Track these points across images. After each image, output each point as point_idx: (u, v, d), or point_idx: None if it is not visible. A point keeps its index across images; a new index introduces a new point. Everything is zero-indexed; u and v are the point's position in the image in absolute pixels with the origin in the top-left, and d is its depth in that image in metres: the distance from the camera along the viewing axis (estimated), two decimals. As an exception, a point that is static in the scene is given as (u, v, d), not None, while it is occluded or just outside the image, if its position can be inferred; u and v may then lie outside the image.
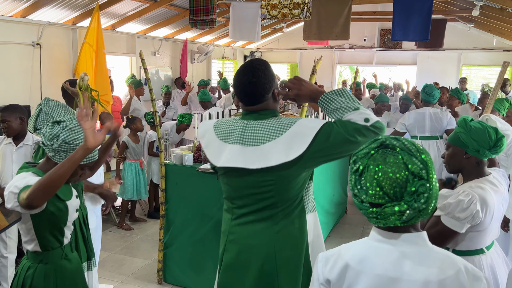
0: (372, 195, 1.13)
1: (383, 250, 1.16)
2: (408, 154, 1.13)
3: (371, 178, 1.14)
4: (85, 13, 5.92)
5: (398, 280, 1.13)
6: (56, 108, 2.60)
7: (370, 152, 1.17)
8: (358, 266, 1.16)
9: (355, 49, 11.52)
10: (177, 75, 8.88)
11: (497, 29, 8.73)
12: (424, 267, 1.13)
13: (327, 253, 1.24)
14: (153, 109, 3.52)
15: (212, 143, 1.83)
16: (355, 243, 1.24)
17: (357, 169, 1.19)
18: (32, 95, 5.47)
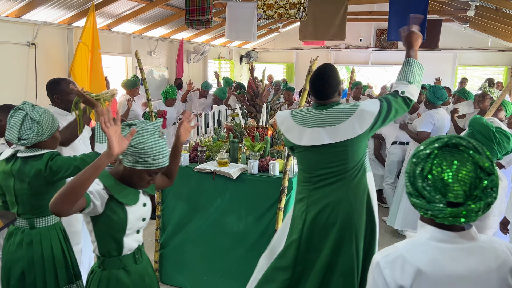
0: (454, 196, 1.13)
1: (449, 251, 1.18)
2: (475, 151, 1.16)
3: (449, 177, 1.14)
4: (80, 13, 5.90)
5: (466, 277, 1.16)
6: (44, 115, 2.20)
7: (433, 152, 1.17)
8: (429, 269, 1.16)
9: (351, 49, 11.55)
10: (173, 75, 8.87)
11: (492, 29, 8.78)
12: (485, 259, 1.18)
13: (388, 258, 1.20)
14: (149, 109, 3.51)
15: (292, 129, 2.34)
16: (413, 243, 1.22)
17: (422, 170, 1.17)
18: (27, 95, 5.44)
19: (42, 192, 2.19)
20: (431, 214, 1.16)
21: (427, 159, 1.17)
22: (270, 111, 3.90)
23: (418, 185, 1.17)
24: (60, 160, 2.19)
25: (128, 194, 1.77)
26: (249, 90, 3.91)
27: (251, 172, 3.06)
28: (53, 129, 2.24)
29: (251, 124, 3.64)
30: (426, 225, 1.23)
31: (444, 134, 4.46)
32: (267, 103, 3.71)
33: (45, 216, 2.25)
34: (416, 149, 1.21)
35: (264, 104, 3.64)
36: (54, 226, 2.30)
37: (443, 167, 1.14)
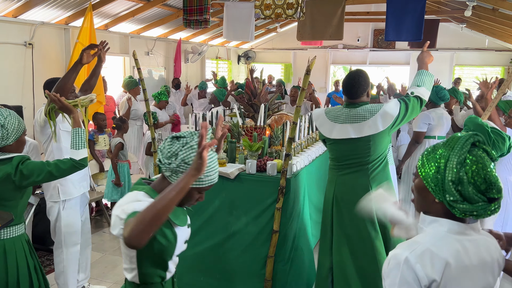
0: (498, 191, 1.21)
1: (465, 242, 1.24)
2: (485, 144, 1.26)
3: (489, 174, 1.21)
4: (77, 13, 5.89)
5: (478, 267, 1.24)
6: (10, 118, 2.13)
7: (466, 156, 1.22)
8: (454, 261, 1.20)
9: (348, 49, 11.56)
10: (171, 75, 8.86)
11: (489, 29, 8.80)
12: (490, 250, 1.29)
13: (416, 252, 1.20)
14: (147, 109, 3.51)
15: (324, 124, 2.78)
16: (435, 236, 1.25)
17: (466, 174, 1.21)
18: (24, 95, 5.43)
19: (8, 198, 2.08)
20: (476, 214, 1.21)
21: (465, 164, 1.22)
22: (268, 111, 3.90)
23: (466, 190, 1.20)
24: (31, 164, 2.10)
25: (179, 214, 1.57)
26: (247, 90, 3.91)
27: (249, 172, 3.05)
28: (19, 133, 2.16)
29: (249, 124, 3.64)
30: (440, 219, 1.26)
31: (444, 133, 4.51)
32: (265, 103, 3.72)
33: (10, 226, 2.11)
34: (453, 156, 1.23)
35: (262, 104, 3.64)
36: (19, 238, 2.17)
37: (482, 167, 1.21)
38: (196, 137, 1.53)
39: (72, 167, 2.24)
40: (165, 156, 1.50)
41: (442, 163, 1.24)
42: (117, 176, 4.69)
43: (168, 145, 1.51)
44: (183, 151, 1.48)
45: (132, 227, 1.28)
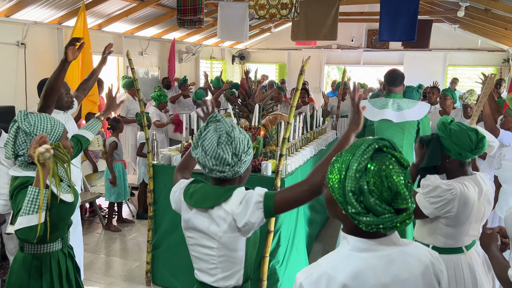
0: (406, 201, 1.09)
1: (371, 260, 1.13)
2: (393, 149, 1.15)
3: (394, 183, 1.08)
4: (70, 13, 5.85)
5: (390, 285, 1.13)
6: (39, 123, 1.94)
7: (368, 163, 1.11)
8: (353, 283, 1.10)
9: (342, 50, 11.59)
10: (165, 75, 8.83)
11: (482, 30, 8.86)
12: (408, 265, 1.16)
13: (311, 277, 1.12)
14: (141, 110, 3.49)
15: (371, 111, 3.34)
16: (336, 257, 1.17)
17: (368, 185, 1.10)
18: (16, 95, 5.39)
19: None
20: (382, 227, 1.09)
21: (366, 172, 1.10)
22: (262, 111, 3.89)
23: (368, 201, 1.09)
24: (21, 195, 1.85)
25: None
26: (242, 90, 3.90)
27: (243, 172, 3.05)
28: (57, 135, 1.99)
29: (243, 124, 3.64)
30: (348, 236, 1.17)
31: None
32: (259, 103, 3.71)
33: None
34: (352, 164, 1.11)
35: (256, 104, 3.63)
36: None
37: (386, 175, 1.09)
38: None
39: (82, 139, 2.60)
40: (243, 150, 1.57)
41: (343, 170, 1.12)
42: (113, 175, 4.69)
43: (242, 139, 1.58)
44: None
45: (316, 178, 1.48)
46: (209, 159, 1.55)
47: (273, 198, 1.51)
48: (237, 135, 1.57)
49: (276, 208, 1.51)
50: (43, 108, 2.77)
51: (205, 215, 1.58)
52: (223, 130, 1.56)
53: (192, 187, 1.66)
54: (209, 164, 1.56)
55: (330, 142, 4.62)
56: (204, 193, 1.60)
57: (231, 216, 1.52)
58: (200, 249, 1.62)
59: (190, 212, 1.63)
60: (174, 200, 1.73)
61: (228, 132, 1.56)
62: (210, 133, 1.57)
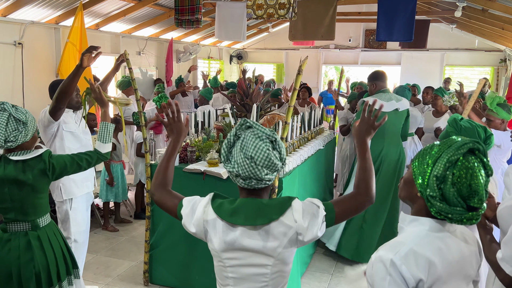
0: (480, 202, 1.21)
1: (446, 239, 1.27)
2: (484, 156, 1.25)
3: (477, 184, 1.19)
4: (68, 12, 5.84)
5: (460, 261, 1.28)
6: (27, 114, 2.22)
7: (460, 158, 1.21)
8: (437, 259, 1.22)
9: (340, 49, 11.60)
10: (163, 75, 8.83)
11: (479, 30, 8.88)
12: (468, 243, 1.33)
13: (400, 254, 1.21)
14: (138, 109, 3.49)
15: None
16: (416, 236, 1.26)
17: (453, 175, 1.21)
18: (14, 95, 5.37)
19: (42, 191, 2.25)
20: (450, 216, 1.22)
21: (455, 165, 1.21)
22: (260, 111, 3.90)
23: (448, 190, 1.20)
24: (60, 157, 2.27)
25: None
26: (239, 90, 3.90)
27: (241, 172, 3.05)
28: (34, 129, 2.27)
29: (241, 124, 3.64)
30: (421, 218, 1.29)
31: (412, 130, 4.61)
32: (257, 103, 3.71)
33: (45, 214, 2.31)
34: (445, 154, 1.23)
35: (254, 104, 3.63)
36: (50, 224, 2.35)
37: (472, 174, 1.20)
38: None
39: (97, 159, 2.44)
40: (284, 153, 1.51)
41: (434, 158, 1.24)
42: (110, 176, 4.68)
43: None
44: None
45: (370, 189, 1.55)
46: (260, 168, 1.44)
47: (334, 210, 1.50)
48: (279, 140, 1.50)
49: (336, 220, 1.52)
50: (55, 109, 2.83)
51: (259, 232, 1.46)
52: (263, 136, 1.46)
53: (226, 203, 1.51)
54: (258, 173, 1.44)
55: (328, 142, 4.62)
56: (255, 208, 1.47)
57: (294, 229, 1.45)
58: (248, 269, 1.49)
59: (235, 232, 1.47)
60: (197, 223, 1.52)
61: (270, 138, 1.47)
62: (253, 141, 1.45)
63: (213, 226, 1.49)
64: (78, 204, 3.13)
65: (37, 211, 2.25)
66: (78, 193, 3.12)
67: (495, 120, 3.43)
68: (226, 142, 1.49)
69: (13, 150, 2.19)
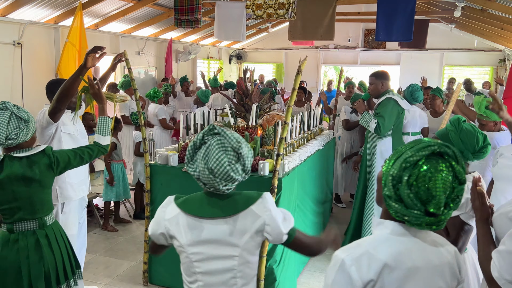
0: (437, 207, 1.15)
1: (408, 244, 1.22)
2: (455, 161, 1.18)
3: (435, 188, 1.14)
4: (67, 12, 5.84)
5: (423, 268, 1.21)
6: (28, 112, 2.24)
7: (422, 159, 1.16)
8: (393, 263, 1.19)
9: (339, 49, 11.61)
10: (162, 75, 8.83)
11: (478, 30, 8.89)
12: (439, 252, 1.25)
13: (353, 255, 1.20)
14: (138, 109, 3.49)
15: (402, 102, 3.99)
16: (376, 239, 1.24)
17: (409, 177, 1.16)
18: (13, 95, 5.36)
19: (48, 185, 2.27)
20: (407, 219, 1.18)
21: (415, 166, 1.16)
22: (260, 111, 3.89)
23: (402, 191, 1.16)
24: (62, 152, 2.31)
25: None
26: (239, 90, 3.90)
27: (240, 172, 3.04)
28: (34, 128, 2.28)
29: (240, 124, 3.64)
30: (385, 221, 1.26)
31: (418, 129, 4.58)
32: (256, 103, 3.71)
33: (51, 211, 2.33)
34: (405, 154, 1.19)
35: (253, 104, 3.63)
36: (55, 223, 2.38)
37: (431, 177, 1.15)
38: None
39: (98, 151, 2.46)
40: (250, 164, 1.54)
41: (395, 157, 1.22)
42: (110, 176, 4.69)
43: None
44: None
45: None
46: (218, 181, 1.45)
47: (295, 231, 1.56)
48: (244, 152, 1.48)
49: (293, 242, 1.56)
50: (55, 110, 2.77)
51: (226, 221, 1.48)
52: (229, 148, 1.45)
53: (190, 198, 1.54)
54: (216, 185, 1.46)
55: (327, 141, 4.62)
56: (220, 201, 1.50)
57: (263, 219, 1.47)
58: (216, 263, 1.50)
59: (201, 224, 1.48)
60: (156, 226, 1.54)
61: (236, 149, 1.46)
62: (215, 151, 1.44)
63: (175, 223, 1.50)
64: (70, 208, 3.05)
65: (44, 208, 2.26)
66: (74, 197, 3.05)
67: (487, 124, 3.36)
68: (192, 144, 1.50)
69: (12, 149, 2.19)
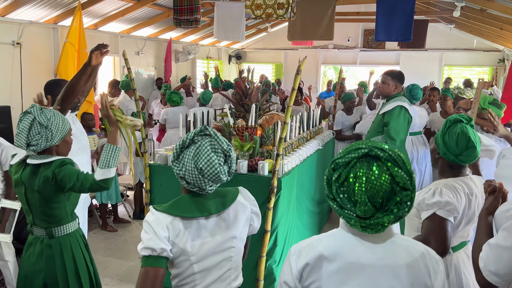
0: (363, 210, 1.15)
1: (353, 240, 1.22)
2: (394, 164, 1.16)
3: (359, 191, 1.14)
4: (66, 12, 5.83)
5: (369, 266, 1.19)
6: (53, 118, 2.10)
7: (352, 161, 1.17)
8: (330, 255, 1.21)
9: (339, 49, 11.61)
10: (161, 75, 8.82)
11: (477, 30, 8.90)
12: (393, 252, 1.21)
13: (299, 245, 1.27)
14: (137, 109, 3.49)
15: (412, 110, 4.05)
16: (327, 234, 1.28)
17: (338, 177, 1.19)
18: (12, 95, 5.36)
19: (53, 200, 2.11)
20: (343, 217, 1.22)
21: (345, 168, 1.18)
22: (259, 111, 3.89)
23: (333, 190, 1.21)
24: (67, 170, 2.06)
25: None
26: (238, 90, 3.90)
27: (240, 172, 3.05)
28: (64, 132, 2.15)
29: (240, 124, 3.64)
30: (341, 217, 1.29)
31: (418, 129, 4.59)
32: (256, 103, 3.71)
33: (63, 225, 2.18)
34: (336, 156, 1.23)
35: (253, 104, 3.63)
36: (74, 234, 2.24)
37: (355, 181, 1.15)
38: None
39: (91, 186, 2.05)
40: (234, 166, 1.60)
41: (334, 158, 1.25)
42: None
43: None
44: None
45: None
46: (206, 181, 1.47)
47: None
48: (233, 154, 1.52)
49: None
50: (59, 110, 2.72)
51: (220, 217, 1.54)
52: (219, 150, 1.48)
53: (176, 204, 1.50)
54: (203, 185, 1.47)
55: (326, 141, 4.62)
56: (211, 200, 1.53)
57: (249, 208, 1.62)
58: (215, 257, 1.52)
59: (198, 225, 1.49)
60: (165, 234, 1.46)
61: (226, 152, 1.49)
62: (206, 152, 1.45)
63: (172, 228, 1.46)
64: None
65: (51, 220, 2.14)
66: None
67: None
68: (180, 142, 1.50)
69: (40, 153, 2.12)
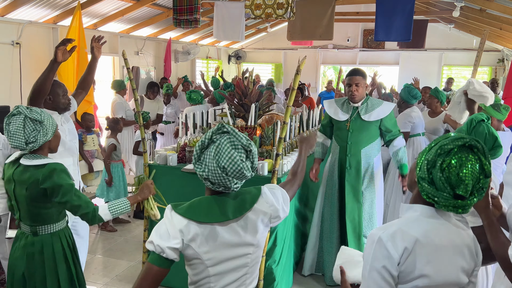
0: (464, 191, 1.27)
1: (436, 224, 1.35)
2: (483, 156, 1.30)
3: (467, 175, 1.26)
4: (66, 12, 5.83)
5: (447, 247, 1.34)
6: (43, 113, 2.14)
7: (454, 149, 1.28)
8: (424, 239, 1.31)
9: (338, 49, 11.61)
10: (161, 75, 8.82)
11: (477, 30, 8.90)
12: (460, 234, 1.38)
13: (387, 232, 1.32)
14: (137, 109, 3.48)
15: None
16: (407, 220, 1.37)
17: (442, 163, 1.29)
18: (11, 95, 5.36)
19: (40, 201, 2.12)
20: (437, 200, 1.31)
21: (448, 154, 1.29)
22: (259, 111, 3.90)
23: (435, 174, 1.29)
24: (59, 179, 2.08)
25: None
26: (238, 90, 3.90)
27: (239, 172, 3.04)
28: (55, 126, 2.20)
29: (239, 124, 3.64)
30: (415, 205, 1.39)
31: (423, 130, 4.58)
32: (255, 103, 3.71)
33: (48, 224, 2.20)
34: (441, 142, 1.31)
35: (252, 104, 3.63)
36: (59, 233, 2.24)
37: (461, 164, 1.27)
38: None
39: (86, 214, 2.11)
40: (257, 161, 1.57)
41: (430, 145, 1.35)
42: (110, 176, 4.68)
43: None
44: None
45: None
46: (231, 179, 1.44)
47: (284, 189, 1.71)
48: (254, 150, 1.49)
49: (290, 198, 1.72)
50: None
51: (238, 224, 1.49)
52: (239, 146, 1.45)
53: (194, 207, 1.47)
54: (228, 183, 1.45)
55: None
56: (227, 204, 1.48)
57: (269, 214, 1.57)
58: (230, 263, 1.49)
59: (214, 231, 1.45)
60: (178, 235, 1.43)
61: (246, 147, 1.46)
62: (228, 151, 1.42)
63: (187, 232, 1.43)
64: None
65: (36, 219, 2.16)
66: None
67: (492, 120, 3.41)
68: (199, 143, 1.47)
69: (32, 152, 2.15)
